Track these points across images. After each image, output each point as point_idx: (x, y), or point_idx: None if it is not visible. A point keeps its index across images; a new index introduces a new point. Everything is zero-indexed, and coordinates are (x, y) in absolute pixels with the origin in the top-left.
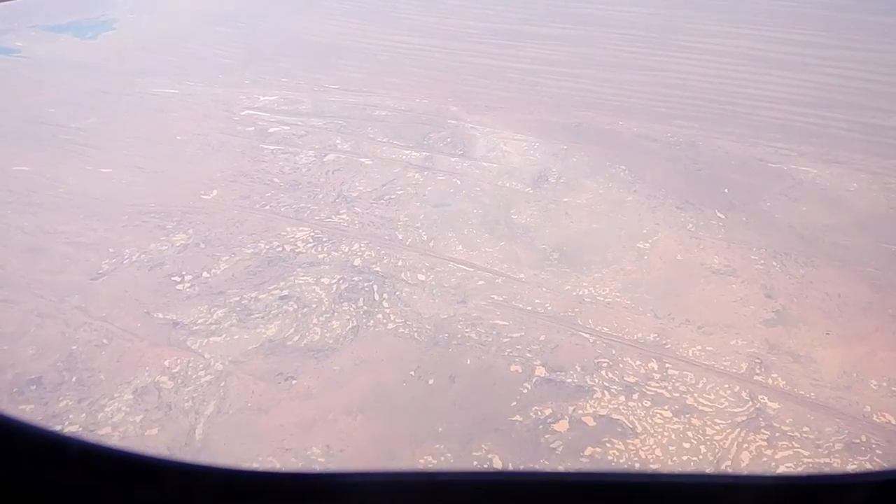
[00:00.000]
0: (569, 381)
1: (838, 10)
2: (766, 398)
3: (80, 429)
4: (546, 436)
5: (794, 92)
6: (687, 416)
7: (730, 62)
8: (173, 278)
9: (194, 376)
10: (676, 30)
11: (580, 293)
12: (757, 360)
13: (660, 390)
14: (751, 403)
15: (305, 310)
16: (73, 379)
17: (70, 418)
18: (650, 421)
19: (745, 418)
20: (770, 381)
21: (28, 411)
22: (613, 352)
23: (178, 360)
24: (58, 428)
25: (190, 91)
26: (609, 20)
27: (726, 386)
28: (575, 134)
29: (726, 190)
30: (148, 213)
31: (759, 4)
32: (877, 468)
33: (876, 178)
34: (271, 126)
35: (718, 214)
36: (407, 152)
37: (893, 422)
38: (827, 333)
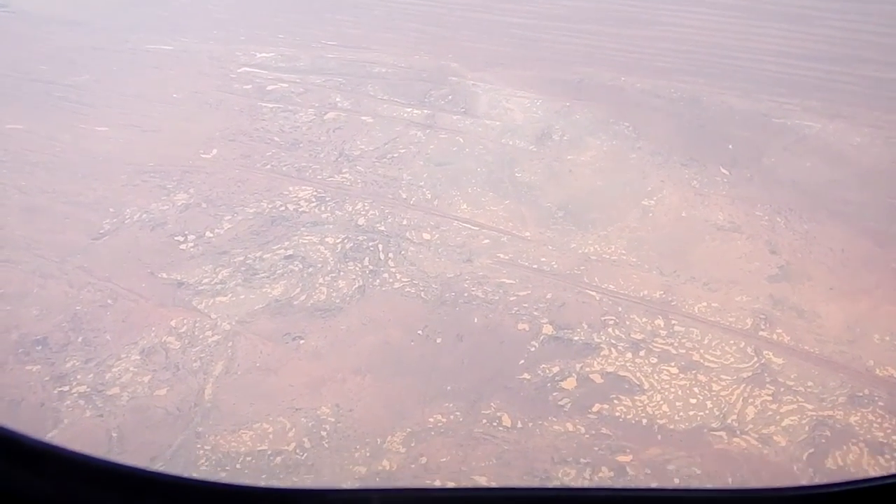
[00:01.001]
0: (576, 338)
1: None
2: (770, 353)
3: (89, 389)
4: (554, 393)
5: (797, 45)
6: (693, 372)
7: (731, 15)
8: (176, 238)
9: (201, 336)
10: None
11: (586, 251)
12: (762, 316)
13: (666, 347)
14: (756, 359)
15: (311, 269)
16: (79, 339)
17: (78, 378)
18: (657, 377)
19: (750, 374)
20: (775, 336)
21: (35, 371)
22: (620, 309)
23: (185, 321)
24: (65, 389)
25: (184, 47)
26: None
27: (732, 342)
28: (577, 90)
29: (730, 146)
30: (147, 172)
31: None
32: (879, 420)
33: (880, 132)
34: (269, 84)
35: (722, 171)
36: (408, 110)
37: None
38: (831, 288)
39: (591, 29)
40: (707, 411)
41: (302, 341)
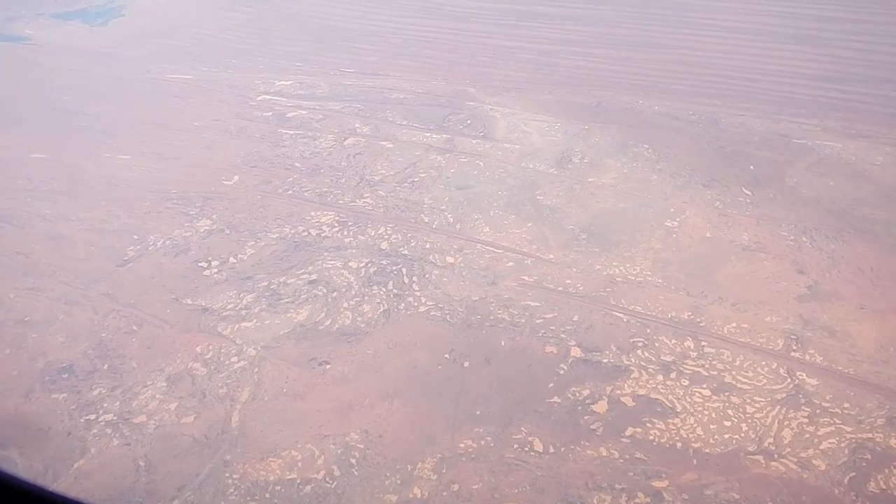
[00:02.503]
0: (605, 361)
1: None
2: (804, 374)
3: (115, 417)
4: (585, 417)
5: (813, 66)
6: (726, 393)
7: (745, 38)
8: (200, 264)
9: (227, 362)
10: (689, 6)
11: (611, 273)
12: (793, 337)
13: (697, 368)
14: (789, 380)
15: (335, 294)
16: (105, 366)
17: (104, 406)
18: (689, 400)
19: (784, 395)
20: (807, 356)
21: (61, 400)
22: (648, 331)
23: (210, 347)
24: (92, 417)
25: (204, 76)
26: None
27: (763, 363)
28: (595, 113)
29: (752, 166)
30: (170, 199)
31: None
32: None
33: None
34: (289, 110)
35: (745, 191)
36: (427, 135)
37: None
38: (861, 307)
39: (606, 53)
40: (743, 434)
41: (328, 366)
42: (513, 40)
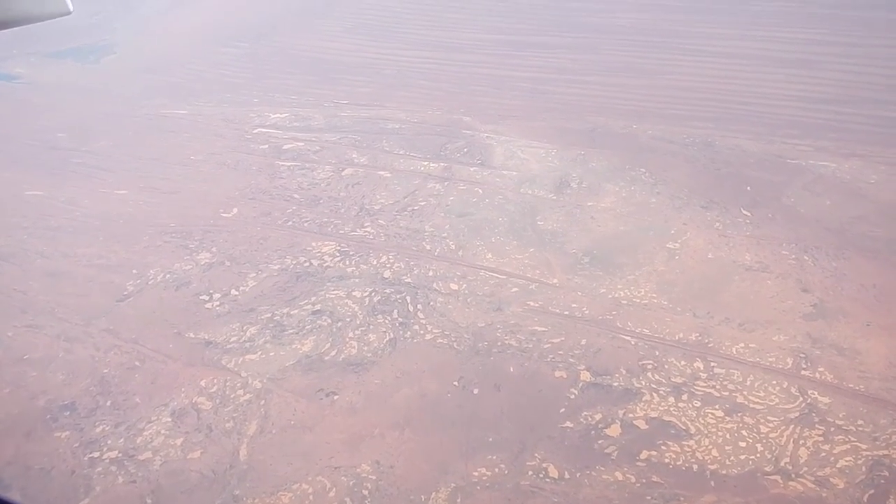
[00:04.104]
0: (615, 384)
1: (839, 9)
2: (815, 393)
3: (120, 454)
4: (599, 441)
5: (805, 89)
6: (739, 414)
7: (736, 62)
8: (201, 297)
9: (233, 396)
10: (678, 34)
11: (616, 296)
12: (802, 355)
13: (708, 390)
14: (801, 399)
15: (340, 324)
16: (108, 403)
17: (108, 443)
18: (703, 421)
19: (797, 414)
20: (817, 375)
21: (64, 438)
22: (657, 353)
23: (215, 380)
24: (96, 455)
25: (199, 111)
26: (611, 27)
27: (774, 382)
28: (590, 139)
29: (748, 187)
30: (169, 233)
31: (757, 6)
32: None
33: (895, 169)
34: (285, 143)
35: (744, 212)
36: (425, 163)
37: None
38: (868, 324)
39: (599, 80)
40: (758, 454)
41: (336, 397)
42: (506, 69)
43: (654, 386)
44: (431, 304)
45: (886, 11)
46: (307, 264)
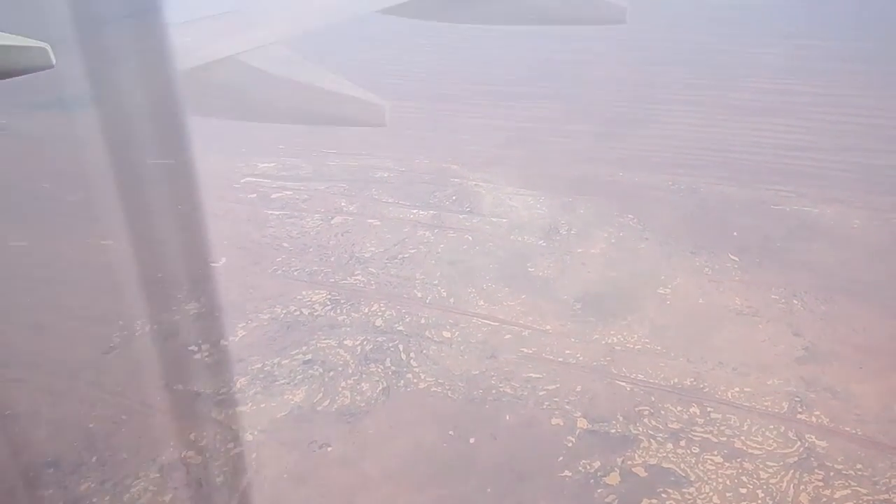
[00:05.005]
0: (612, 431)
1: (806, 61)
2: (813, 437)
3: None
4: (599, 490)
5: (783, 136)
6: (738, 460)
7: (717, 112)
8: (190, 348)
9: (223, 449)
10: (659, 85)
11: (609, 341)
12: (797, 399)
13: (706, 435)
14: (799, 443)
15: (332, 373)
16: (94, 459)
17: (94, 502)
18: (702, 468)
19: (796, 459)
20: (814, 419)
21: (47, 496)
22: (653, 399)
23: (204, 433)
24: None
25: (186, 161)
26: (594, 78)
27: (771, 426)
28: (577, 186)
29: (735, 233)
30: (155, 282)
31: (732, 57)
32: None
33: (876, 213)
34: (273, 192)
35: (732, 257)
36: (414, 211)
37: None
38: (860, 367)
39: (583, 129)
40: (760, 501)
41: (329, 448)
42: (492, 118)
43: (651, 432)
44: (424, 351)
45: (849, 63)
46: (297, 313)
